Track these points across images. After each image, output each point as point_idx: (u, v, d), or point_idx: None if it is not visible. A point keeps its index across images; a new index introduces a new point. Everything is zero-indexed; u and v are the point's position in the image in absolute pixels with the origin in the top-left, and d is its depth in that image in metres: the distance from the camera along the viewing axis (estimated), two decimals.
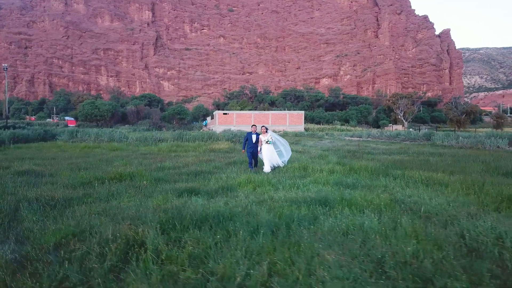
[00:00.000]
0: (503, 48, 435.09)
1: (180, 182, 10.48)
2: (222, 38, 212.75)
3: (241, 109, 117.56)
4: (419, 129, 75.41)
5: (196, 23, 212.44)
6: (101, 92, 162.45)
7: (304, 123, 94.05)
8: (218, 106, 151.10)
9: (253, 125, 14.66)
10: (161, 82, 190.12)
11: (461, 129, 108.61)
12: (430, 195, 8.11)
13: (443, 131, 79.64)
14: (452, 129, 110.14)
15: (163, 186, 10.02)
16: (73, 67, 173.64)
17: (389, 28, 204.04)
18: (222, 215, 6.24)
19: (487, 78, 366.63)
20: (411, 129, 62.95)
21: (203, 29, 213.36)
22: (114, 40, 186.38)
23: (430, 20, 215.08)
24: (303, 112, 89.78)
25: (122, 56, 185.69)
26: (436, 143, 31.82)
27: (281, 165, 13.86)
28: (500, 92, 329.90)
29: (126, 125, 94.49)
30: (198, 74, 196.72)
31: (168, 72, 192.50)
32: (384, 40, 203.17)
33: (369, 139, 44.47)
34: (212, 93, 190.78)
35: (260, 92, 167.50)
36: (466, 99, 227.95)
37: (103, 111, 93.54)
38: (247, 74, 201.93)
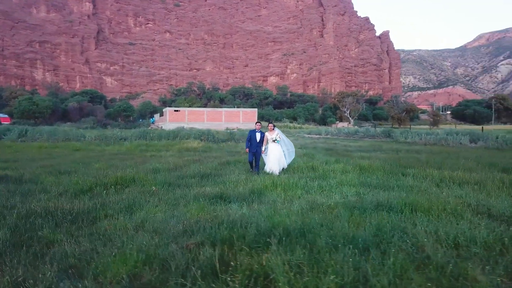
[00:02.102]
0: (434, 50, 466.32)
1: (196, 187, 9.45)
2: (168, 33, 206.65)
3: (190, 106, 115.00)
4: (375, 126, 78.03)
5: (140, 17, 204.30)
6: (37, 87, 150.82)
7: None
8: (165, 103, 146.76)
9: (257, 122, 13.16)
10: (104, 77, 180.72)
11: (401, 126, 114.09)
12: (483, 196, 7.82)
13: (385, 128, 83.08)
14: (394, 126, 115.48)
15: (178, 191, 8.94)
16: (5, 60, 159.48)
17: (333, 28, 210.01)
18: (289, 227, 5.38)
19: (420, 78, 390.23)
20: (369, 127, 64.79)
21: (148, 24, 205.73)
22: (51, 33, 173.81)
23: (371, 22, 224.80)
24: (256, 109, 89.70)
25: (61, 49, 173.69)
26: (399, 140, 32.73)
27: (285, 167, 12.67)
28: (432, 91, 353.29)
29: (68, 123, 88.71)
30: (143, 70, 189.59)
31: (111, 67, 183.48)
32: (329, 40, 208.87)
33: (328, 136, 45.04)
34: (158, 89, 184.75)
35: (208, 89, 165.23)
36: (402, 98, 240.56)
37: (42, 107, 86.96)
38: (195, 70, 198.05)
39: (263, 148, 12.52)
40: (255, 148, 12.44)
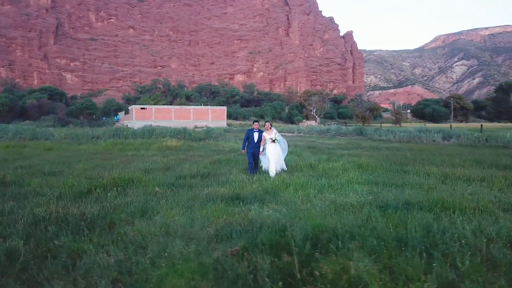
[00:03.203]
0: (394, 51, 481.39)
1: (202, 188, 9.00)
2: (131, 29, 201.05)
3: (155, 104, 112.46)
4: (345, 124, 79.27)
5: (102, 11, 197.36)
6: None
7: None
8: (129, 101, 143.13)
9: (255, 120, 12.49)
10: (63, 74, 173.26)
11: (365, 124, 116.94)
12: (496, 193, 7.87)
13: (356, 126, 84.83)
14: (358, 124, 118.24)
15: (183, 193, 8.47)
16: None
17: (299, 28, 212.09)
18: (337, 230, 5.11)
19: (381, 78, 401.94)
20: (341, 125, 65.64)
21: (110, 19, 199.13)
22: (5, 26, 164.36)
23: (335, 22, 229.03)
24: (225, 107, 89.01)
25: (16, 44, 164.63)
26: (374, 138, 33.27)
27: (285, 169, 11.88)
28: (392, 90, 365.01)
29: (27, 121, 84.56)
30: (105, 66, 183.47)
31: (72, 64, 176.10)
32: (295, 39, 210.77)
33: (301, 134, 45.30)
34: (122, 86, 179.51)
35: (174, 86, 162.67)
36: (365, 97, 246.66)
37: None
38: (159, 67, 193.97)
39: (261, 149, 11.88)
40: (253, 148, 11.80)
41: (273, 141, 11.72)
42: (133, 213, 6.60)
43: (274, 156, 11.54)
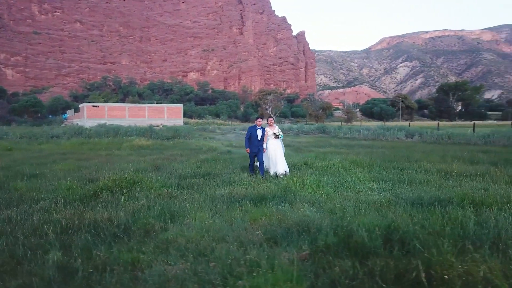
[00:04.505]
0: (342, 51, 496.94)
1: (210, 188, 8.60)
2: (78, 24, 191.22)
3: (105, 102, 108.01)
4: (306, 123, 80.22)
5: (46, 4, 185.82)
6: None
7: None
8: (76, 98, 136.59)
9: (258, 117, 11.72)
10: (3, 69, 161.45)
11: (318, 122, 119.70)
12: (506, 188, 8.16)
13: (306, 124, 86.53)
14: (311, 123, 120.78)
15: (196, 194, 8.05)
16: None
17: (252, 26, 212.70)
18: (402, 230, 4.98)
19: (331, 78, 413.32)
20: (303, 124, 66.38)
21: (55, 12, 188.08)
22: None
23: (288, 22, 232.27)
24: (181, 105, 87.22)
25: None
26: (339, 136, 33.96)
27: (287, 171, 10.99)
28: (341, 90, 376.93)
29: None
30: (50, 62, 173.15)
31: (12, 58, 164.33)
32: (248, 38, 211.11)
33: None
34: (68, 83, 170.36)
35: (125, 83, 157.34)
36: (316, 96, 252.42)
37: None
38: (109, 64, 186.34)
39: (264, 146, 11.17)
40: (256, 147, 11.03)
41: (277, 136, 11.24)
42: (159, 217, 6.12)
43: (278, 153, 11.03)
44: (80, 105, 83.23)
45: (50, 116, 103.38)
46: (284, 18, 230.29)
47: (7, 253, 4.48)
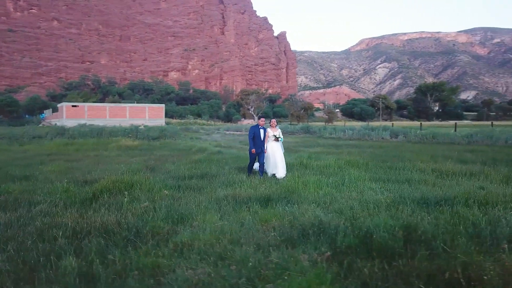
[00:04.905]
0: (322, 52, 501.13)
1: (211, 189, 8.49)
2: (56, 22, 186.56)
3: (84, 101, 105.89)
4: (290, 123, 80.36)
5: (22, 1, 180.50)
6: None
7: None
8: (54, 98, 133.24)
9: (261, 116, 11.61)
10: None
11: (300, 122, 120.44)
12: (506, 187, 8.32)
13: (290, 124, 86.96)
14: (293, 123, 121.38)
15: (197, 195, 7.92)
16: None
17: (234, 26, 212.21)
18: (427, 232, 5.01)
19: (311, 78, 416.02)
20: (288, 124, 66.50)
21: (31, 9, 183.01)
22: None
23: (269, 22, 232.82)
24: (163, 105, 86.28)
25: None
26: (324, 136, 34.17)
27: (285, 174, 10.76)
28: (322, 90, 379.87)
29: None
30: (26, 61, 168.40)
31: None
32: (230, 38, 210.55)
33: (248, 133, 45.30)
34: (45, 82, 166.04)
35: (104, 83, 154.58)
36: (297, 96, 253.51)
37: None
38: (88, 63, 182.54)
39: (265, 147, 11.01)
40: (259, 147, 10.86)
41: (277, 139, 11.05)
42: (166, 220, 5.98)
43: (277, 156, 10.79)
44: (59, 105, 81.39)
45: (26, 116, 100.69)
46: (265, 19, 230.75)
47: (17, 259, 4.29)
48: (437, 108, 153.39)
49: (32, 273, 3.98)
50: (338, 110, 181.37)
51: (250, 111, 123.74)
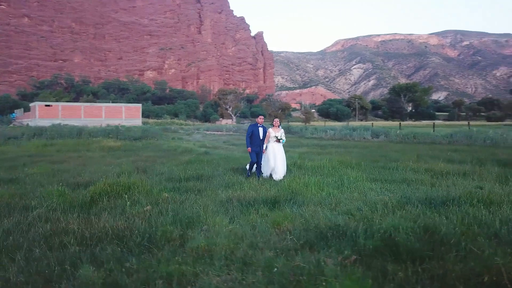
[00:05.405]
0: (298, 53, 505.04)
1: (212, 192, 8.31)
2: (26, 18, 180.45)
3: (57, 101, 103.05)
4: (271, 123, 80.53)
5: None
6: None
7: None
8: (25, 97, 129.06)
9: (260, 114, 11.24)
10: None
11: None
12: (499, 186, 8.49)
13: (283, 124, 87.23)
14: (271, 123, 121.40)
15: (199, 198, 7.74)
16: None
17: (211, 26, 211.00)
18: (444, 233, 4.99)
19: (287, 79, 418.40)
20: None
21: (0, 5, 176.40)
22: None
23: (246, 22, 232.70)
24: (140, 105, 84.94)
25: None
26: (306, 136, 34.33)
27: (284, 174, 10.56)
28: (298, 91, 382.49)
29: None
30: None
31: None
32: (207, 37, 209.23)
33: (231, 133, 45.14)
34: (16, 81, 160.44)
35: (78, 82, 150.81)
36: (274, 96, 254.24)
37: None
38: (60, 61, 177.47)
39: (264, 146, 10.61)
40: (258, 146, 10.51)
41: (278, 140, 10.62)
42: (175, 224, 5.79)
43: (275, 157, 10.40)
44: (31, 104, 78.87)
45: None
46: (242, 18, 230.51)
47: (30, 270, 4.03)
48: (410, 108, 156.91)
49: (49, 284, 3.75)
50: (314, 110, 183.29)
51: (228, 111, 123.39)
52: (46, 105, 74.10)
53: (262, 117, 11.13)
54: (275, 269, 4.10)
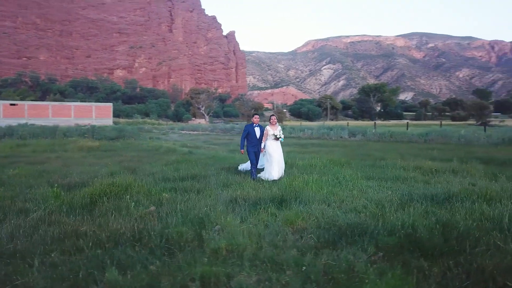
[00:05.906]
0: (270, 53, 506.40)
1: (211, 191, 8.21)
2: None
3: (22, 100, 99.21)
4: (247, 122, 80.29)
5: None
6: None
7: None
8: None
9: (255, 113, 11.04)
10: None
11: (250, 122, 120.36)
12: (490, 182, 8.77)
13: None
14: (244, 122, 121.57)
15: (201, 198, 7.62)
16: None
17: (182, 24, 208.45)
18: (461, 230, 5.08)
19: (259, 79, 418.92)
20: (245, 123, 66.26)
21: None
22: None
23: (218, 21, 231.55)
24: (111, 104, 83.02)
25: None
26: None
27: (283, 174, 10.29)
28: (270, 91, 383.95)
29: None
30: None
31: None
32: (178, 36, 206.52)
33: (208, 133, 44.82)
34: None
35: (43, 80, 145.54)
36: (246, 96, 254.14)
37: None
38: (25, 59, 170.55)
39: (262, 145, 10.25)
40: (255, 147, 10.27)
41: (277, 138, 10.27)
42: (186, 224, 5.65)
43: (276, 156, 10.04)
44: None
45: None
46: (214, 17, 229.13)
47: (52, 275, 3.82)
48: (379, 108, 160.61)
49: None
50: (286, 110, 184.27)
51: (201, 110, 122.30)
52: (11, 104, 71.32)
53: (257, 116, 10.89)
54: (304, 267, 4.08)
